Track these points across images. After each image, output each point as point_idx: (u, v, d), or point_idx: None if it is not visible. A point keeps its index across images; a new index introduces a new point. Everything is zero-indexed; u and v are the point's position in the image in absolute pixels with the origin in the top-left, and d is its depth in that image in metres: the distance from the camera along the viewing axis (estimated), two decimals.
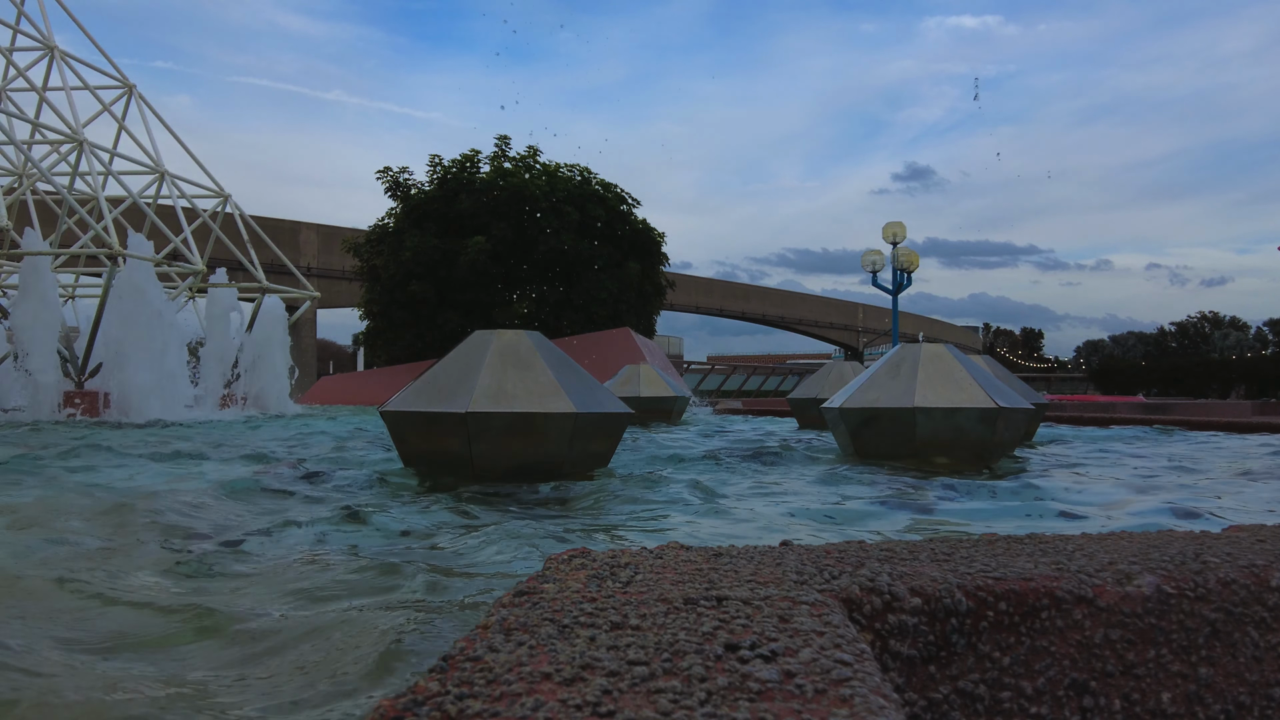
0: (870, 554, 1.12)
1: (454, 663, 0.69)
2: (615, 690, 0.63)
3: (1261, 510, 3.30)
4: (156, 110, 17.06)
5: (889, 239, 23.68)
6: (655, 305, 25.03)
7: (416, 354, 21.58)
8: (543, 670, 0.67)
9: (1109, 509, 3.29)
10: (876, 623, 0.92)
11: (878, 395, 4.93)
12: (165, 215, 16.98)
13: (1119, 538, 1.29)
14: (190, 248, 15.26)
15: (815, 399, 8.32)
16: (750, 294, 69.77)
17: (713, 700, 0.62)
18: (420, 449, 4.11)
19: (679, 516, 3.05)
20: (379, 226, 23.98)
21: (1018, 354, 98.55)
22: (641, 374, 10.68)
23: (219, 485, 3.65)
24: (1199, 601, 1.03)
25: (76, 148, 15.35)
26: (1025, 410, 5.08)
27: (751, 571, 1.01)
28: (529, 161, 23.90)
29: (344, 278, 33.59)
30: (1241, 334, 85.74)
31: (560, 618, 0.81)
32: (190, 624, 1.67)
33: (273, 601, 1.86)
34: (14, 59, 15.70)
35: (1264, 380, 52.93)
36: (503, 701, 0.61)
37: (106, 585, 1.97)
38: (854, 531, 2.81)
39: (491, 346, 4.12)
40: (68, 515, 2.95)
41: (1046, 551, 1.16)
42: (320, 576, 2.08)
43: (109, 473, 4.56)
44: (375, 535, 2.67)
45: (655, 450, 5.90)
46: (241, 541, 2.53)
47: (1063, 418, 9.64)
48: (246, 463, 5.06)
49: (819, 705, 0.61)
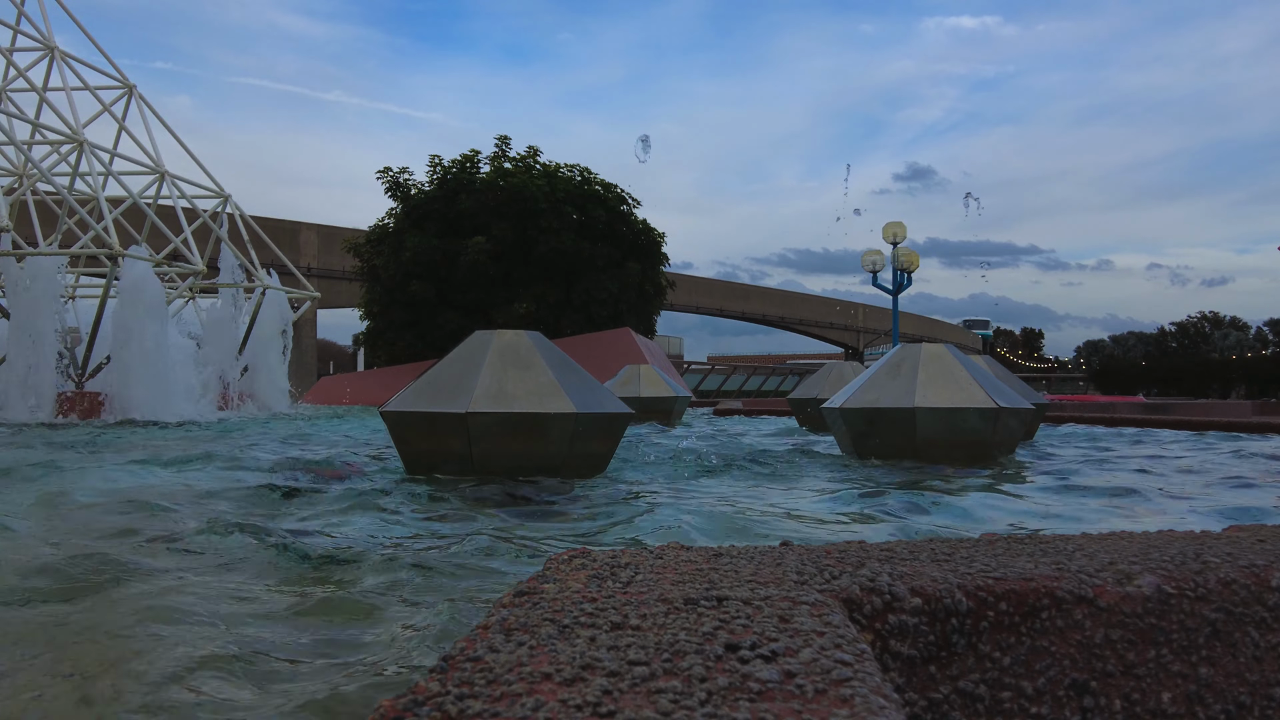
0: (870, 554, 1.12)
1: (454, 663, 0.69)
2: (616, 690, 0.63)
3: (1257, 510, 3.29)
4: (157, 111, 17.07)
5: (889, 239, 23.69)
6: (655, 305, 25.02)
7: (417, 354, 21.57)
8: (543, 670, 0.67)
9: (1109, 508, 3.29)
10: (877, 623, 0.92)
11: (878, 395, 4.93)
12: (165, 215, 16.98)
13: (1119, 537, 1.29)
14: (190, 248, 15.26)
15: (815, 399, 8.32)
16: (750, 294, 69.78)
17: (713, 700, 0.62)
18: (420, 449, 4.11)
19: (679, 516, 3.05)
20: (379, 227, 23.97)
21: (1018, 354, 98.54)
22: (642, 374, 10.68)
23: (212, 485, 3.65)
24: (1199, 601, 1.03)
25: (77, 148, 15.35)
26: (1025, 410, 5.08)
27: (752, 572, 1.01)
28: (529, 162, 23.90)
29: (344, 278, 33.59)
30: (1241, 334, 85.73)
31: (560, 618, 0.81)
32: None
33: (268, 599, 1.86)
34: (14, 59, 15.71)
35: (1264, 380, 52.91)
36: (503, 702, 0.61)
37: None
38: (854, 531, 2.81)
39: (492, 346, 4.12)
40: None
41: (1047, 551, 1.16)
42: (316, 575, 2.09)
43: (110, 474, 4.56)
44: (375, 535, 2.67)
45: (656, 450, 5.90)
46: (225, 537, 2.53)
47: (1063, 417, 9.64)
48: (246, 463, 5.06)
49: (819, 705, 0.61)
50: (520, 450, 3.90)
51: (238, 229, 17.29)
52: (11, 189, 16.30)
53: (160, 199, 17.15)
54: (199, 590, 1.93)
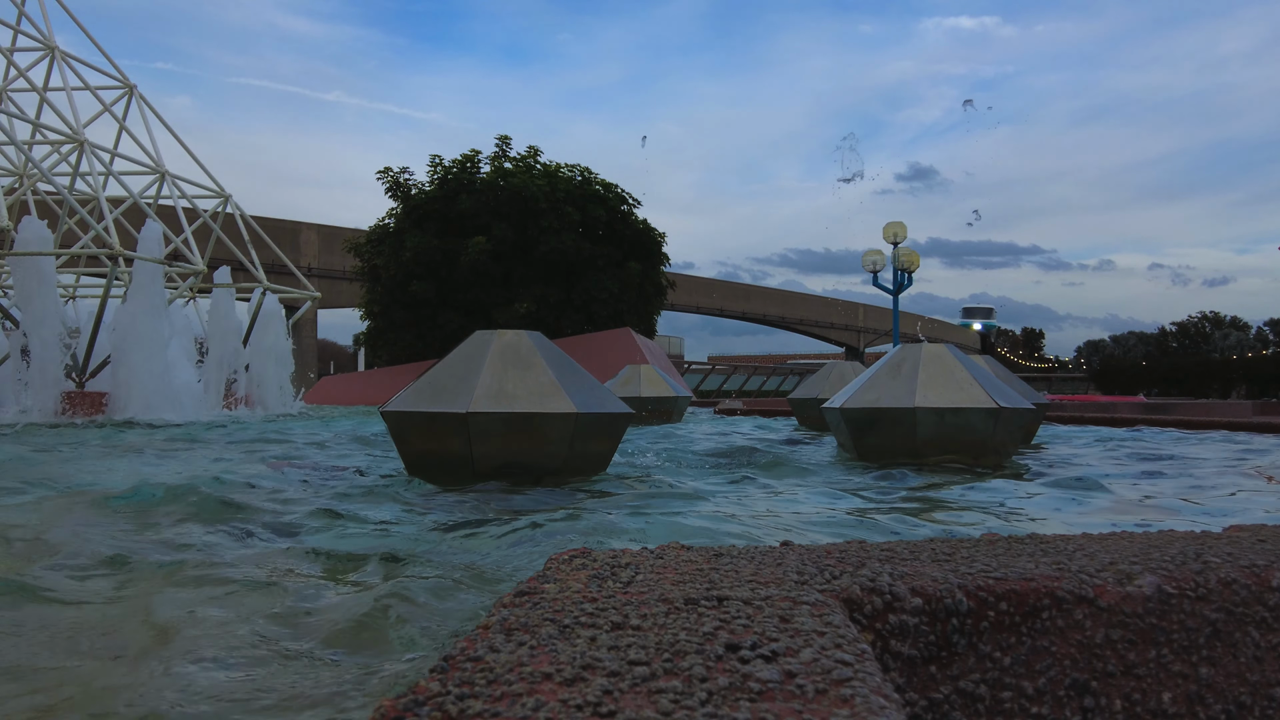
0: (871, 554, 1.12)
1: (455, 663, 0.69)
2: (616, 690, 0.63)
3: (1259, 510, 3.29)
4: (157, 110, 17.07)
5: (889, 239, 23.69)
6: (656, 305, 25.03)
7: (417, 354, 21.59)
8: (544, 670, 0.67)
9: (1109, 508, 3.29)
10: (877, 623, 0.92)
11: (878, 395, 4.93)
12: (166, 215, 16.98)
13: (1119, 537, 1.28)
14: (191, 248, 15.27)
15: (816, 399, 8.32)
16: (751, 294, 69.78)
17: (714, 700, 0.62)
18: (421, 449, 4.11)
19: (679, 516, 3.05)
20: (380, 227, 23.98)
21: (1018, 354, 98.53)
22: (642, 374, 10.68)
23: (213, 484, 3.65)
24: (1200, 601, 1.03)
25: (77, 148, 15.35)
26: (1026, 410, 5.08)
27: (752, 572, 1.01)
28: (530, 162, 23.91)
29: (345, 278, 33.61)
30: (1242, 334, 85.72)
31: (561, 618, 0.81)
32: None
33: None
34: (15, 59, 15.71)
35: (1265, 380, 52.92)
36: (503, 701, 0.61)
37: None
38: (855, 532, 2.81)
39: (492, 346, 4.12)
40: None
41: (1047, 551, 1.16)
42: (313, 573, 2.09)
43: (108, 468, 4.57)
44: (374, 535, 2.67)
45: (656, 450, 5.90)
46: (217, 544, 2.53)
47: (1063, 417, 9.64)
48: (246, 462, 5.06)
49: (820, 705, 0.61)
50: (521, 450, 3.90)
51: (238, 229, 17.30)
52: (12, 189, 16.31)
53: (161, 199, 17.16)
54: (199, 590, 1.93)
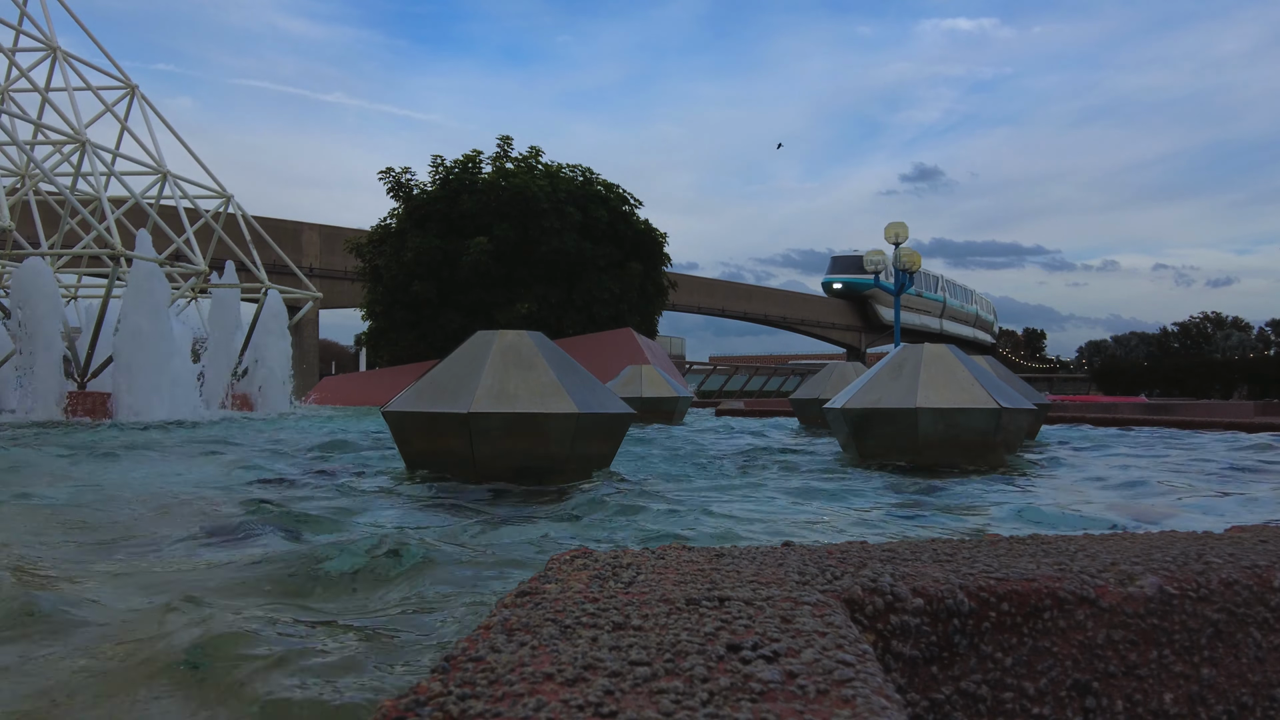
0: (872, 554, 1.12)
1: (456, 663, 0.69)
2: (617, 691, 0.63)
3: (1260, 510, 3.29)
4: (159, 111, 17.08)
5: (891, 239, 23.68)
6: (657, 306, 25.01)
7: (418, 354, 21.58)
8: (545, 670, 0.67)
9: (1110, 509, 3.29)
10: (879, 623, 0.92)
11: (880, 396, 4.93)
12: (168, 216, 16.99)
13: (1121, 538, 1.28)
14: (193, 248, 15.27)
15: (817, 399, 8.32)
16: (753, 294, 69.72)
17: (715, 701, 0.62)
18: (422, 449, 4.11)
19: (680, 517, 3.05)
20: (381, 227, 23.97)
21: (1020, 354, 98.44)
22: (644, 374, 10.68)
23: (213, 485, 3.65)
24: (1201, 602, 1.03)
25: (79, 148, 15.36)
26: (1027, 411, 5.07)
27: (754, 572, 1.00)
28: (531, 162, 23.90)
29: (346, 278, 33.59)
30: (1244, 334, 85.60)
31: (562, 618, 0.81)
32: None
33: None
34: (17, 60, 15.72)
35: (1266, 380, 52.84)
36: (505, 702, 0.61)
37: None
38: (856, 532, 2.81)
39: (493, 347, 4.12)
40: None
41: (1049, 552, 1.15)
42: (314, 573, 2.09)
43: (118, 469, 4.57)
44: (375, 534, 2.67)
45: (657, 450, 5.90)
46: (210, 543, 2.53)
47: (1064, 418, 9.63)
48: (246, 461, 5.06)
49: (821, 706, 0.61)
50: (522, 450, 3.90)
51: (240, 229, 17.30)
52: (14, 189, 16.32)
53: (163, 199, 17.17)
54: (198, 588, 1.93)
